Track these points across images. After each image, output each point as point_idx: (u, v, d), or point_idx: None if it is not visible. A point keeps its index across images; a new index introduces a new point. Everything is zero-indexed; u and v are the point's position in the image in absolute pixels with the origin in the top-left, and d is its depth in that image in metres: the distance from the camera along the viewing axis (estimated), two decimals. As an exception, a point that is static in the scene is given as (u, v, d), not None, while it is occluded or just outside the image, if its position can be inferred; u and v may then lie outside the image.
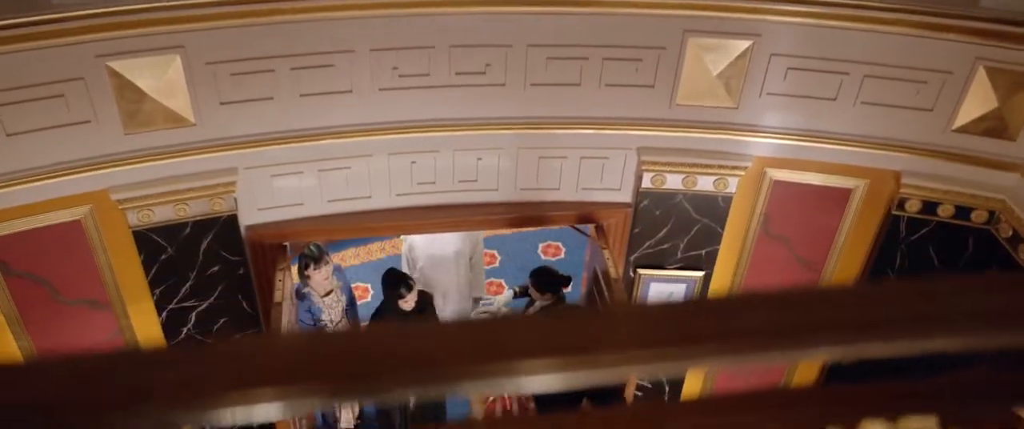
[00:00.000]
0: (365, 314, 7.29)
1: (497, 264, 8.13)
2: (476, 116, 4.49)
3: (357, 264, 7.92)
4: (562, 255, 8.29)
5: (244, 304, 4.89)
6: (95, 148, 4.04)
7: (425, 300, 5.34)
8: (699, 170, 4.69)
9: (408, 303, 5.11)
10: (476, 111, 4.46)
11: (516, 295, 6.10)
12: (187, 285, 4.68)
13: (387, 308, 5.24)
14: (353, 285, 7.48)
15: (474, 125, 4.51)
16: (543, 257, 8.24)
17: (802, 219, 4.96)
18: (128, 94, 3.91)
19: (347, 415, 6.24)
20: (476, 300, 6.75)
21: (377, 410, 5.52)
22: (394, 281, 5.19)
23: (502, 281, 7.94)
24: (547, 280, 5.70)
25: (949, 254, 4.77)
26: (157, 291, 4.65)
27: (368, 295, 7.69)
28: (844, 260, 5.07)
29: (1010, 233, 4.41)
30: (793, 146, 4.57)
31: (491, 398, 5.09)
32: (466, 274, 6.32)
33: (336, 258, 7.24)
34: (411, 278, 5.23)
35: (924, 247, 4.78)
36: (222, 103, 4.09)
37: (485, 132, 4.55)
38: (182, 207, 4.33)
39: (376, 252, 8.03)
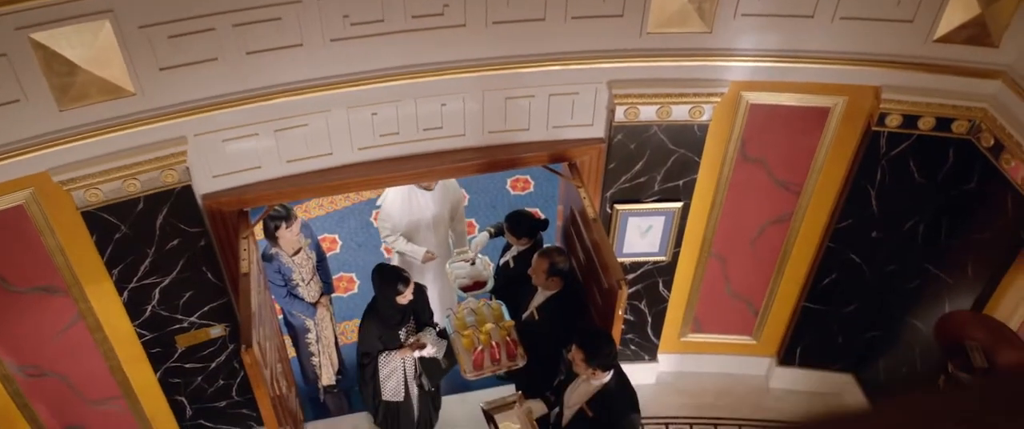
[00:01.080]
0: (336, 267, 7.12)
1: (466, 203, 7.94)
2: (437, 61, 4.23)
3: (322, 215, 7.67)
4: (531, 188, 8.12)
5: (209, 275, 4.67)
6: (28, 128, 3.73)
7: (419, 291, 5.06)
8: (673, 99, 4.50)
9: (405, 297, 4.76)
10: (436, 55, 4.20)
11: (492, 235, 5.93)
12: (147, 262, 4.43)
13: (384, 305, 4.85)
14: (320, 238, 7.26)
15: (435, 70, 4.26)
16: (511, 192, 8.07)
17: (780, 141, 4.83)
18: (57, 67, 3.58)
19: (328, 372, 6.12)
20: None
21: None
22: (390, 278, 4.77)
23: (472, 221, 7.77)
24: (522, 224, 5.53)
25: (930, 167, 4.70)
26: (115, 271, 4.41)
27: (337, 246, 7.48)
28: (823, 180, 4.98)
29: (992, 142, 4.32)
30: (770, 68, 4.40)
31: (479, 347, 4.96)
32: (446, 241, 6.05)
33: (299, 211, 6.99)
34: (405, 272, 4.88)
35: (904, 162, 4.69)
36: (162, 69, 3.78)
37: (447, 77, 4.30)
38: (132, 182, 4.05)
39: (341, 201, 7.79)
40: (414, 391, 5.23)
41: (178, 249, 4.45)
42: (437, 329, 5.13)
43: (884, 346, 5.64)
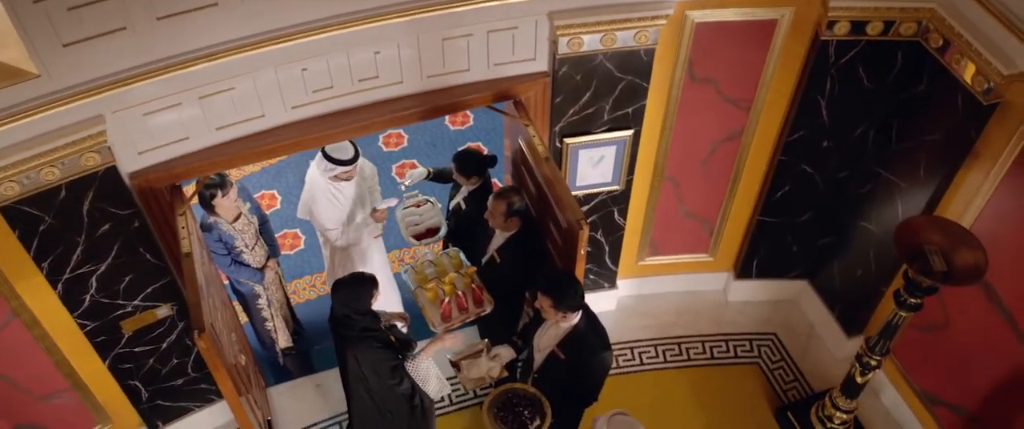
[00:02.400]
0: (279, 225, 6.86)
1: (405, 144, 7.71)
2: (365, 8, 3.95)
3: (257, 172, 7.35)
4: (471, 122, 7.91)
5: (148, 256, 4.40)
6: (-77, 124, 3.37)
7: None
8: (618, 26, 4.32)
9: (377, 297, 4.39)
10: (364, 2, 3.92)
11: (430, 177, 5.74)
12: (78, 251, 4.15)
13: (366, 320, 4.36)
14: (258, 195, 7.00)
15: (364, 18, 3.97)
16: (451, 128, 7.85)
17: (728, 59, 4.72)
18: (-55, 55, 3.21)
19: (285, 335, 5.96)
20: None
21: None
22: (360, 284, 4.34)
23: (414, 161, 7.55)
24: (470, 163, 5.36)
25: (879, 73, 4.65)
26: (45, 264, 4.12)
27: (277, 202, 7.20)
28: (772, 94, 4.91)
29: (940, 42, 4.28)
30: (714, -16, 4.24)
31: (446, 300, 4.83)
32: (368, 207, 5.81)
33: (233, 171, 6.69)
34: (363, 272, 4.47)
35: (853, 69, 4.64)
36: (65, 45, 3.43)
37: (378, 24, 4.02)
38: (49, 170, 3.74)
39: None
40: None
41: (110, 234, 4.17)
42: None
43: (838, 251, 5.71)
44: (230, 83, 3.98)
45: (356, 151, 5.23)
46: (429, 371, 4.52)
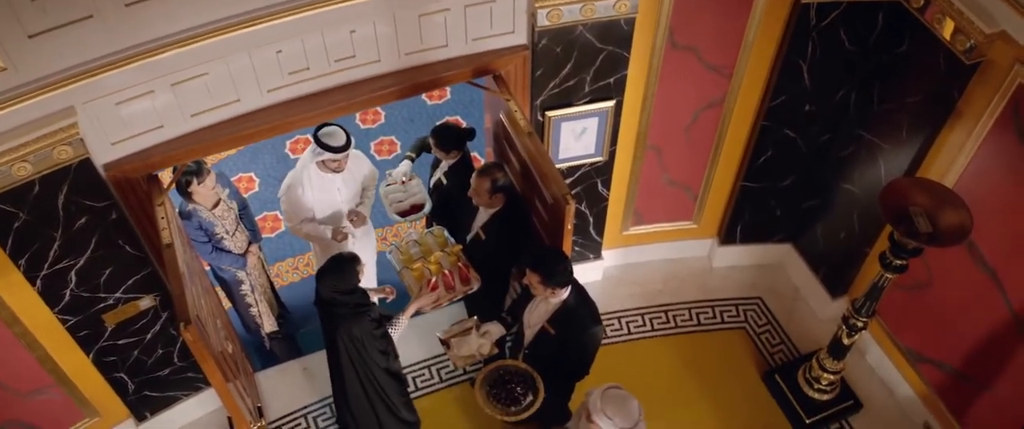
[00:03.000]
0: (258, 208, 6.77)
1: (383, 120, 7.62)
2: (339, -15, 3.85)
3: (234, 155, 7.23)
4: (448, 96, 7.82)
5: (127, 248, 4.32)
6: None
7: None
8: (597, -4, 4.25)
9: (362, 273, 4.36)
10: (338, -20, 3.82)
11: (413, 159, 5.67)
12: (55, 246, 4.06)
13: (355, 296, 4.34)
14: (235, 179, 6.90)
15: (339, -4, 3.88)
16: (428, 103, 7.76)
17: (708, 25, 4.68)
18: (-96, 50, 3.09)
19: (270, 320, 5.90)
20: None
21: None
22: (344, 267, 4.29)
23: (393, 138, 7.46)
24: (449, 137, 5.30)
25: (860, 35, 4.63)
26: (21, 261, 4.03)
27: (255, 185, 7.10)
28: (754, 60, 4.88)
29: (921, 2, 4.25)
30: (694, -50, 4.18)
31: (432, 279, 4.78)
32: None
33: (209, 156, 6.57)
34: (346, 253, 4.40)
35: (834, 32, 4.61)
36: (31, 36, 3.31)
37: (352, 2, 3.92)
38: (21, 165, 3.63)
39: (250, 136, 7.34)
40: None
41: (88, 227, 4.08)
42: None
43: (821, 214, 5.73)
44: (203, 68, 3.88)
45: (348, 139, 4.98)
46: (404, 333, 4.57)
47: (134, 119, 3.89)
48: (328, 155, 4.96)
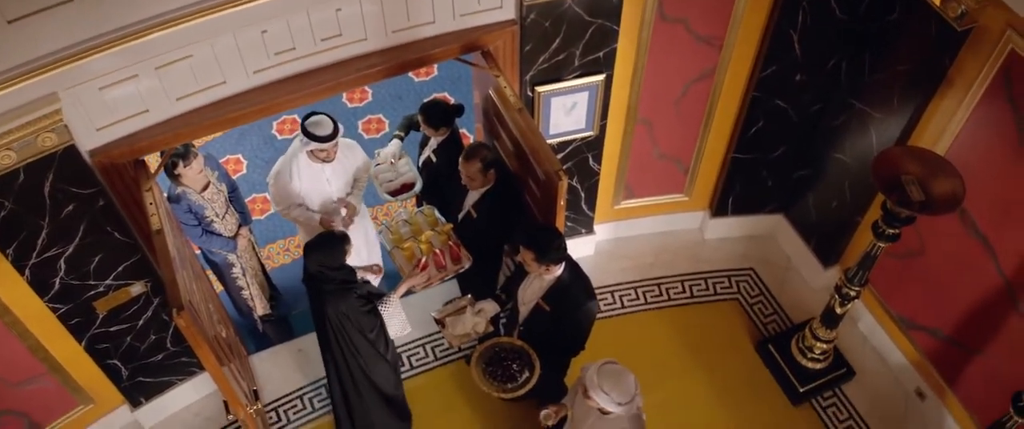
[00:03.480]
0: (247, 190, 6.71)
1: (370, 98, 7.55)
2: (324, -37, 3.78)
3: (220, 137, 7.15)
4: (436, 73, 7.75)
5: (116, 234, 4.27)
6: None
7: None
8: (585, -31, 4.20)
9: (350, 252, 4.35)
10: (323, -43, 3.76)
11: (403, 138, 5.61)
12: (43, 234, 4.01)
13: (342, 273, 4.33)
14: (223, 160, 6.83)
15: (324, -26, 3.81)
16: (415, 80, 7.68)
17: (698, -4, 4.63)
18: None
19: (262, 302, 5.87)
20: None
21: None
22: (332, 244, 4.29)
23: (380, 117, 7.40)
24: (438, 114, 5.25)
25: (850, 3, 4.61)
26: (9, 251, 3.98)
27: (243, 167, 7.04)
28: (744, 30, 4.85)
29: (912, -31, 4.22)
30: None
31: (422, 258, 4.76)
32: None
33: (196, 140, 6.48)
34: (336, 231, 4.43)
35: (825, 1, 4.57)
36: (10, 21, 3.24)
37: (339, -22, 3.87)
38: (5, 154, 3.57)
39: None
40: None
41: (75, 215, 4.03)
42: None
43: (813, 184, 5.73)
44: (187, 51, 3.81)
45: (335, 128, 4.86)
46: (395, 312, 4.52)
47: (118, 104, 3.83)
48: (315, 145, 4.86)
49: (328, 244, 4.31)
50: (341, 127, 4.94)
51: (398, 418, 5.06)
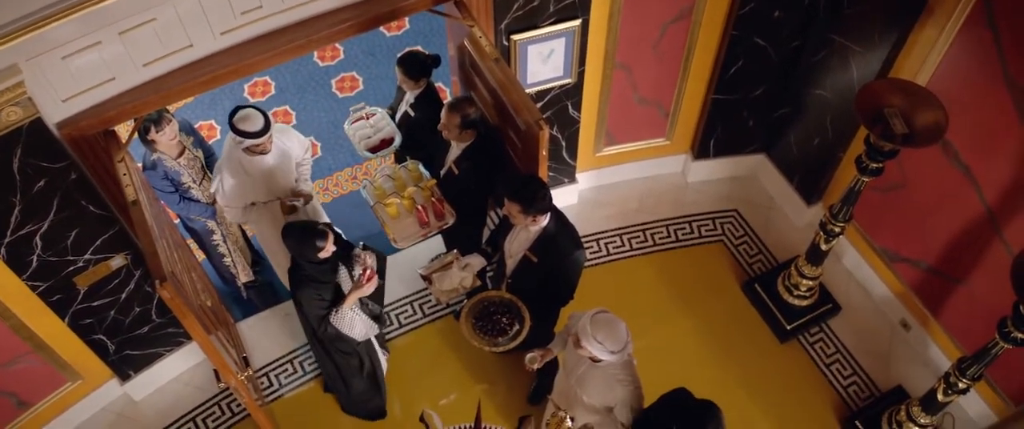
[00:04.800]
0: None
1: (342, 56, 7.40)
2: (287, -84, 3.65)
3: (191, 103, 7.00)
4: (408, 26, 7.59)
5: (91, 208, 4.18)
6: None
7: (337, 235, 4.38)
8: (557, -89, 4.08)
9: (328, 250, 4.14)
10: (285, -90, 3.62)
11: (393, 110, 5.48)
12: (16, 212, 3.91)
13: (310, 267, 4.22)
14: (197, 125, 6.68)
15: (288, -73, 3.68)
16: (387, 35, 7.53)
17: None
18: None
19: (245, 269, 5.82)
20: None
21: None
22: (305, 236, 4.10)
23: (354, 74, 7.26)
24: (416, 65, 5.12)
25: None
26: (-18, 231, 3.89)
27: (216, 132, 6.90)
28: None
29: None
30: None
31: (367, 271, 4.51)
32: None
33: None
34: (318, 224, 4.18)
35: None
36: (-39, -8, 3.11)
37: (303, -68, 3.73)
38: (-32, 132, 3.46)
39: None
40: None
41: (47, 190, 3.93)
42: (362, 247, 4.54)
43: (794, 122, 5.70)
44: (150, 14, 3.68)
45: (267, 121, 4.60)
46: (353, 319, 4.41)
47: (83, 73, 3.71)
48: (250, 141, 4.58)
49: (302, 236, 4.13)
50: (272, 117, 4.70)
51: (373, 388, 5.08)
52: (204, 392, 5.49)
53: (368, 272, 4.30)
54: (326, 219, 5.60)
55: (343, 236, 4.53)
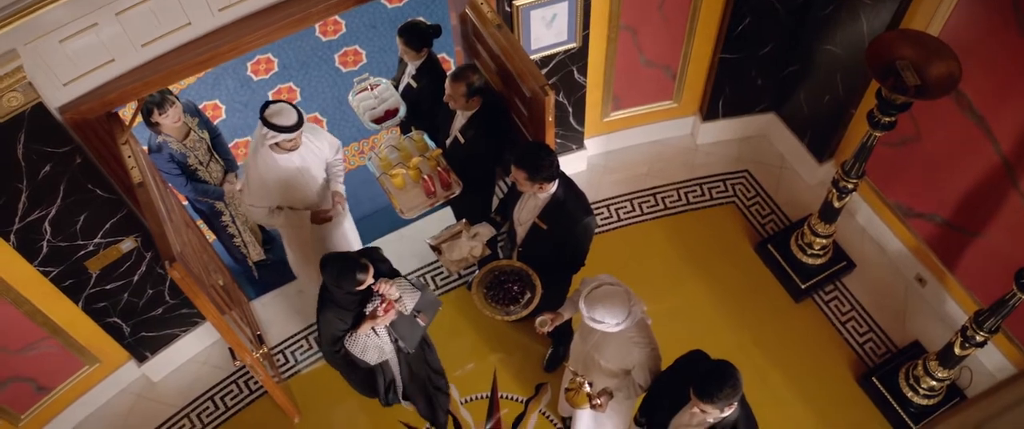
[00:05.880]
0: (229, 135, 6.57)
1: (343, 30, 7.33)
2: None
3: (194, 83, 6.96)
4: (409, -3, 7.51)
5: (98, 191, 4.18)
6: None
7: (374, 258, 4.22)
8: None
9: (367, 283, 3.99)
10: None
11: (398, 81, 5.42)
12: (23, 198, 3.91)
13: (341, 296, 4.08)
14: (201, 106, 6.65)
15: (281, -102, 3.61)
16: (388, 6, 7.45)
17: None
18: None
19: (256, 248, 5.82)
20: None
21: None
22: (345, 273, 3.93)
23: (357, 48, 7.20)
24: (417, 36, 5.06)
25: None
26: (-9, 219, 3.89)
27: (221, 112, 6.87)
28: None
29: None
30: None
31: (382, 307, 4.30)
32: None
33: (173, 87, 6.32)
34: (358, 258, 3.98)
35: None
36: (-47, -23, 3.07)
37: (297, -97, 3.67)
38: (-30, 119, 3.44)
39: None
40: (395, 359, 4.68)
41: (53, 175, 3.92)
42: (408, 278, 4.37)
43: (803, 79, 5.61)
44: (146, -6, 3.64)
45: (300, 116, 4.41)
46: (366, 343, 4.32)
47: (82, 56, 3.68)
48: (282, 136, 4.37)
49: (345, 270, 3.94)
50: (304, 114, 4.56)
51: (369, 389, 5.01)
52: (222, 371, 5.52)
53: (386, 304, 4.15)
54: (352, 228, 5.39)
55: (390, 263, 4.38)
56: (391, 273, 4.32)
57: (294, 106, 4.45)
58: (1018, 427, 3.90)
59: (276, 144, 4.45)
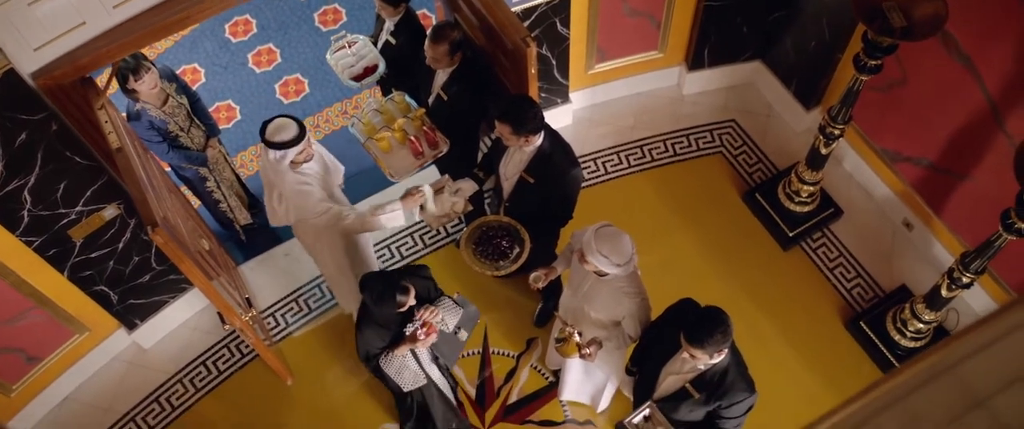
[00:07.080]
0: (209, 99, 6.48)
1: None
2: None
3: (171, 47, 6.84)
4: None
5: (77, 158, 4.12)
6: None
7: (417, 274, 4.12)
8: None
9: (409, 303, 3.85)
10: None
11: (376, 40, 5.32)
12: (0, 167, 3.84)
13: (381, 315, 3.93)
14: (179, 71, 6.55)
15: None
16: (368, -38, 7.30)
17: None
18: None
19: (242, 213, 5.77)
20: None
21: None
22: (386, 295, 3.77)
23: (336, 6, 7.07)
24: None
25: None
26: (-32, 189, 3.82)
27: (200, 75, 6.76)
28: None
29: None
30: None
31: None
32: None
33: (148, 52, 6.20)
34: (398, 280, 3.82)
35: None
36: (-88, -60, 2.97)
37: None
38: (-61, 87, 3.37)
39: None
40: (436, 373, 4.51)
41: (29, 143, 3.85)
42: (454, 297, 4.24)
43: (789, 25, 5.56)
44: (115, -48, 3.55)
45: (301, 126, 4.14)
46: (402, 365, 4.17)
47: (51, 19, 3.59)
48: (293, 151, 4.12)
49: (385, 291, 3.78)
50: (301, 121, 4.23)
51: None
52: (212, 336, 5.52)
53: (426, 329, 3.98)
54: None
55: (435, 281, 4.26)
56: (436, 291, 4.20)
57: (288, 116, 4.18)
58: (1001, 360, 3.92)
59: (292, 162, 4.21)
